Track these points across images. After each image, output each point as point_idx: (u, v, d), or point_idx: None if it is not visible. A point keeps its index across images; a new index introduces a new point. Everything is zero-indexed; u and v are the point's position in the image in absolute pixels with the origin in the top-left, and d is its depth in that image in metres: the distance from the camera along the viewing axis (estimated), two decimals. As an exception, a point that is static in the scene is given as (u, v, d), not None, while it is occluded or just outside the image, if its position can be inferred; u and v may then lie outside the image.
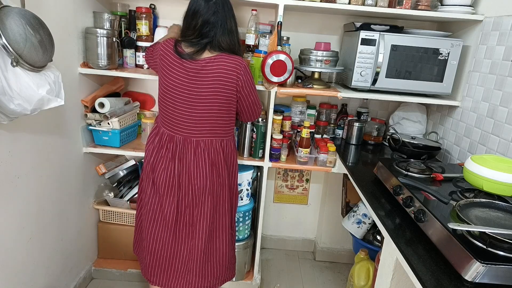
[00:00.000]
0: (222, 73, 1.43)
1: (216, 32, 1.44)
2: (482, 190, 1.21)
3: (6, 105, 1.13)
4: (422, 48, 1.75)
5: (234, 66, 1.44)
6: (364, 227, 2.02)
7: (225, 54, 1.45)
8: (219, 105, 1.47)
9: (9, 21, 1.08)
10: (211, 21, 1.43)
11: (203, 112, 1.47)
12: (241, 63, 1.45)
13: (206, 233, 1.56)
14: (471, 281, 0.89)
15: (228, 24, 1.46)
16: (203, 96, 1.45)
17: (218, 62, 1.43)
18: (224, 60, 1.44)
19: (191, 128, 1.48)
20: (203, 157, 1.50)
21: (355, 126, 2.06)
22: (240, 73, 1.45)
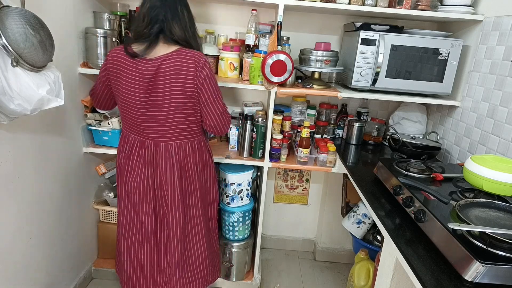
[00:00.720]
0: (179, 69, 1.32)
1: (166, 16, 1.33)
2: (482, 190, 1.21)
3: (6, 105, 1.13)
4: (422, 48, 1.75)
5: (192, 60, 1.32)
6: (364, 227, 2.02)
7: (182, 49, 1.34)
8: (183, 105, 1.37)
9: (9, 21, 1.08)
10: (158, 5, 1.32)
11: (167, 115, 1.37)
12: (200, 57, 1.34)
13: (180, 239, 1.51)
14: (471, 281, 0.89)
15: (179, 10, 1.35)
16: (164, 99, 1.35)
17: (174, 58, 1.32)
18: (181, 55, 1.33)
19: (158, 132, 1.40)
20: (171, 162, 1.43)
21: (355, 126, 2.06)
22: (199, 66, 1.33)
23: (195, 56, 1.33)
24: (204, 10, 2.07)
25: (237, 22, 2.08)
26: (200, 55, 1.35)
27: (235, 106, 2.23)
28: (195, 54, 1.34)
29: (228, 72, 1.91)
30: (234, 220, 1.97)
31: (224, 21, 2.09)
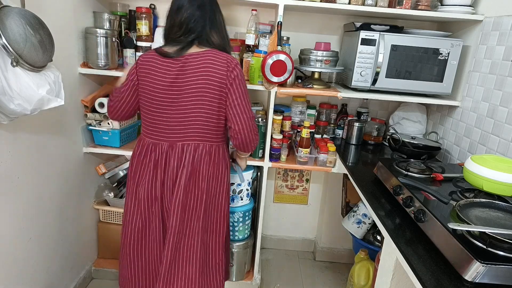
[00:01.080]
0: (210, 66, 1.31)
1: (205, 26, 1.33)
2: (482, 190, 1.21)
3: (6, 105, 1.13)
4: (422, 48, 1.75)
5: (225, 60, 1.33)
6: (364, 227, 2.02)
7: (215, 50, 1.35)
8: (208, 102, 1.33)
9: (9, 21, 1.08)
10: (197, 14, 1.32)
11: (189, 110, 1.34)
12: (232, 59, 1.35)
13: (171, 249, 1.41)
14: (471, 281, 0.89)
15: (217, 18, 1.37)
16: (189, 91, 1.32)
17: (206, 55, 1.32)
18: (214, 54, 1.33)
19: (176, 130, 1.37)
20: (183, 162, 1.37)
21: (355, 126, 2.06)
22: (231, 67, 1.32)
23: (228, 56, 1.35)
24: (204, 10, 2.07)
25: (237, 22, 2.08)
26: (233, 58, 1.37)
27: (235, 106, 2.23)
28: (227, 55, 1.36)
29: (228, 72, 1.91)
30: (234, 220, 1.97)
31: (224, 21, 2.09)
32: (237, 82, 1.33)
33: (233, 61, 1.34)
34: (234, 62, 1.34)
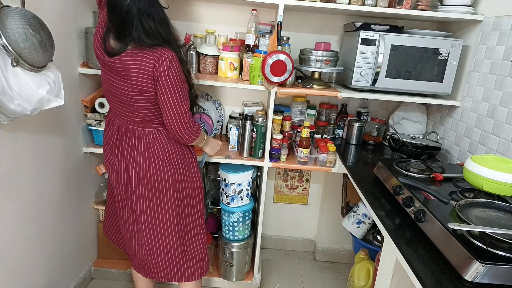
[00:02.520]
0: (141, 63, 1.31)
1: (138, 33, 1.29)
2: (482, 190, 1.21)
3: (6, 105, 1.13)
4: (422, 48, 1.75)
5: (154, 56, 1.31)
6: (364, 227, 2.02)
7: (149, 48, 1.32)
8: (141, 97, 1.37)
9: (9, 21, 1.08)
10: (127, 21, 1.28)
11: (129, 103, 1.39)
12: (162, 54, 1.30)
13: (147, 224, 1.51)
14: (471, 281, 0.89)
15: (145, 24, 1.29)
16: (126, 88, 1.36)
17: (140, 53, 1.32)
18: (147, 51, 1.32)
19: (125, 115, 1.45)
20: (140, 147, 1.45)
21: (355, 126, 2.06)
22: (158, 63, 1.30)
23: (160, 52, 1.31)
24: (204, 10, 2.07)
25: (237, 22, 2.08)
26: (165, 52, 1.31)
27: (235, 106, 2.23)
28: (160, 51, 1.31)
29: (228, 72, 1.91)
30: (234, 220, 1.97)
31: (224, 21, 2.09)
32: (164, 78, 1.32)
33: (162, 56, 1.30)
34: (163, 58, 1.30)
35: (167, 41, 1.36)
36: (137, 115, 1.42)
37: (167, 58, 1.31)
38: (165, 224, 1.52)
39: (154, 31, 1.32)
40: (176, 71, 1.34)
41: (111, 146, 1.52)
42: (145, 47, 1.32)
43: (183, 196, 1.56)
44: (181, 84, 1.37)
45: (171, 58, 1.32)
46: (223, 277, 2.10)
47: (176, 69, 1.34)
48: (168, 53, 1.32)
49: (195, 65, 1.97)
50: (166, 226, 1.53)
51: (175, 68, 1.34)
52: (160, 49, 1.32)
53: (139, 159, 1.45)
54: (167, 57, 1.31)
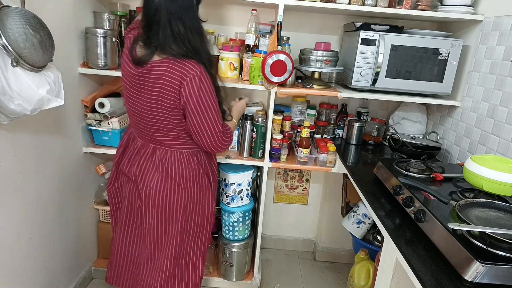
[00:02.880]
0: (164, 78, 1.21)
1: (164, 36, 1.20)
2: (482, 190, 1.21)
3: (6, 105, 1.13)
4: (422, 48, 1.75)
5: (181, 72, 1.20)
6: (364, 227, 2.02)
7: (173, 59, 1.22)
8: (164, 116, 1.28)
9: (9, 21, 1.08)
10: (154, 21, 1.20)
11: (151, 121, 1.31)
12: (190, 70, 1.19)
13: (151, 245, 1.46)
14: (471, 281, 0.89)
15: (174, 27, 1.19)
16: (148, 104, 1.28)
17: (164, 66, 1.22)
18: (171, 64, 1.21)
19: (146, 134, 1.37)
20: (157, 167, 1.37)
21: (355, 126, 2.06)
22: (186, 80, 1.19)
23: (186, 67, 1.20)
24: (204, 10, 2.06)
25: (237, 22, 2.08)
26: (193, 68, 1.20)
27: (235, 106, 2.23)
28: (186, 65, 1.20)
29: (228, 72, 1.91)
30: (234, 220, 1.97)
31: (224, 21, 2.09)
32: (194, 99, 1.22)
33: (190, 73, 1.20)
34: (190, 75, 1.20)
35: (196, 52, 1.24)
36: (159, 134, 1.33)
37: (195, 76, 1.19)
38: (166, 247, 1.45)
39: (183, 37, 1.21)
40: (207, 90, 1.23)
41: (125, 162, 1.46)
42: (171, 57, 1.22)
43: (192, 224, 1.48)
44: (213, 102, 1.25)
45: (200, 74, 1.20)
46: (223, 277, 2.10)
47: (207, 88, 1.22)
48: (196, 69, 1.20)
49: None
50: (166, 250, 1.45)
51: (205, 87, 1.22)
52: (188, 62, 1.21)
53: (154, 180, 1.37)
54: (196, 74, 1.20)
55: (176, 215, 1.42)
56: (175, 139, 1.35)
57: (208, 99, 1.24)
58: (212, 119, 1.27)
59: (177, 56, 1.22)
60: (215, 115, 1.28)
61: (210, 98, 1.25)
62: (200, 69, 1.21)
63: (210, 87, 1.24)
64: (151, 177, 1.38)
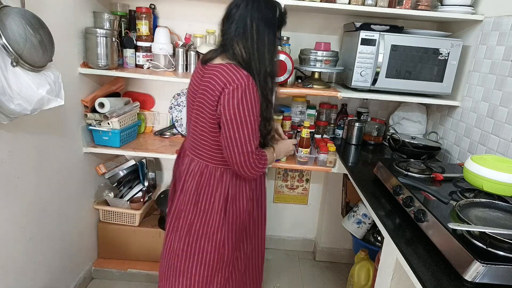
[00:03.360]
0: (211, 82, 1.18)
1: (235, 29, 1.17)
2: (482, 190, 1.21)
3: (6, 105, 1.13)
4: (422, 48, 1.75)
5: (226, 79, 1.14)
6: (364, 227, 2.02)
7: (230, 65, 1.17)
8: (202, 121, 1.24)
9: (9, 21, 1.08)
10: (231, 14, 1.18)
11: (192, 124, 1.30)
12: (236, 79, 1.13)
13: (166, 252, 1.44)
14: (471, 281, 0.89)
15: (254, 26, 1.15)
16: (193, 106, 1.27)
17: (216, 69, 1.19)
18: (223, 69, 1.16)
19: (188, 137, 1.38)
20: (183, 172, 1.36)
21: (355, 126, 2.06)
22: (228, 89, 1.13)
23: (235, 75, 1.14)
24: (204, 10, 2.07)
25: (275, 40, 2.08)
26: (243, 78, 1.14)
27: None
28: (237, 73, 1.14)
29: (228, 72, 1.91)
30: (234, 220, 1.96)
31: (224, 21, 2.09)
32: (230, 109, 1.14)
33: (235, 82, 1.13)
34: (235, 84, 1.13)
35: (257, 63, 1.18)
36: (192, 140, 1.31)
37: (239, 87, 1.12)
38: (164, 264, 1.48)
39: (250, 42, 1.16)
40: (248, 105, 1.14)
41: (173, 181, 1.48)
42: (230, 62, 1.18)
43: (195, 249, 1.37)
44: (254, 119, 1.16)
45: (246, 87, 1.12)
46: (223, 277, 2.09)
47: (248, 102, 1.13)
48: (244, 80, 1.13)
49: (195, 65, 1.97)
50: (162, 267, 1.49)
51: (247, 100, 1.13)
52: (240, 71, 1.15)
53: (178, 187, 1.36)
54: (241, 84, 1.12)
55: (180, 232, 1.35)
56: (206, 150, 1.29)
57: (247, 114, 1.15)
58: (246, 136, 1.17)
59: (236, 61, 1.18)
60: (250, 132, 1.17)
61: (249, 114, 1.15)
62: (248, 81, 1.14)
63: (253, 103, 1.15)
64: (178, 183, 1.39)
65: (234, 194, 1.33)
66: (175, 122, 2.21)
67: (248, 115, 1.15)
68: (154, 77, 1.81)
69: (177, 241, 1.38)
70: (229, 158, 1.21)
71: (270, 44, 1.21)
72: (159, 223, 2.13)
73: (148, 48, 1.96)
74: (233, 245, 1.37)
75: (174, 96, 2.18)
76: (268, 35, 1.20)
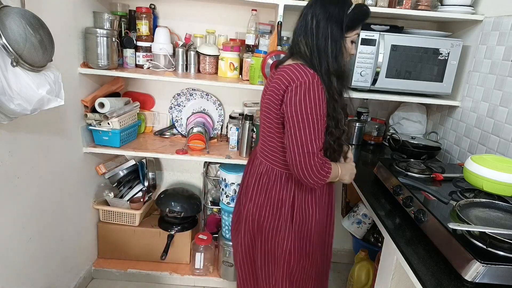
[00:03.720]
0: (277, 81, 1.17)
1: (300, 26, 1.18)
2: (482, 190, 1.21)
3: (6, 105, 1.13)
4: (422, 48, 1.75)
5: (291, 76, 1.12)
6: (364, 227, 2.02)
7: (297, 64, 1.15)
8: (269, 121, 1.23)
9: (9, 21, 1.08)
10: (301, 15, 1.19)
11: (262, 125, 1.31)
12: (301, 77, 1.11)
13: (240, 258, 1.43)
14: (471, 281, 0.89)
15: (314, 22, 1.13)
16: (263, 107, 1.27)
17: (284, 69, 1.17)
18: (289, 68, 1.15)
19: (259, 145, 1.36)
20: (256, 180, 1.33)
21: (355, 126, 2.06)
22: (292, 86, 1.11)
23: (301, 73, 1.12)
24: (204, 10, 2.07)
25: (237, 22, 2.08)
26: (308, 76, 1.11)
27: (235, 106, 2.23)
28: (303, 71, 1.12)
29: (228, 72, 1.91)
30: (234, 220, 1.96)
31: (224, 21, 2.09)
32: (293, 105, 1.11)
33: (300, 79, 1.11)
34: (299, 81, 1.10)
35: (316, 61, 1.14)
36: (262, 141, 1.30)
37: (303, 84, 1.10)
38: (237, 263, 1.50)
39: (310, 38, 1.14)
40: (311, 102, 1.09)
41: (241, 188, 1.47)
42: (298, 62, 1.17)
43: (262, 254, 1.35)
44: (317, 118, 1.11)
45: (310, 84, 1.09)
46: (223, 277, 2.10)
47: (312, 99, 1.09)
48: (309, 77, 1.10)
49: (195, 65, 1.97)
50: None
51: (311, 98, 1.09)
52: (306, 69, 1.12)
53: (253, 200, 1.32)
54: (306, 81, 1.10)
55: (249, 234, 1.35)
56: (273, 152, 1.27)
57: (310, 113, 1.10)
58: (308, 135, 1.11)
59: (303, 60, 1.17)
60: (313, 132, 1.11)
61: (312, 112, 1.10)
62: (313, 79, 1.11)
63: (317, 101, 1.11)
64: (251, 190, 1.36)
65: (300, 202, 1.27)
66: (175, 122, 2.21)
67: (311, 113, 1.10)
68: (154, 77, 1.81)
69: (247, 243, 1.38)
70: (290, 160, 1.15)
71: (333, 41, 1.14)
72: (159, 223, 2.13)
73: (148, 48, 1.96)
74: (300, 255, 1.31)
75: (174, 96, 2.18)
76: (332, 31, 1.14)
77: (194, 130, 1.99)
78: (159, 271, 2.10)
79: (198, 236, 2.11)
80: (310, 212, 1.28)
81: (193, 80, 1.81)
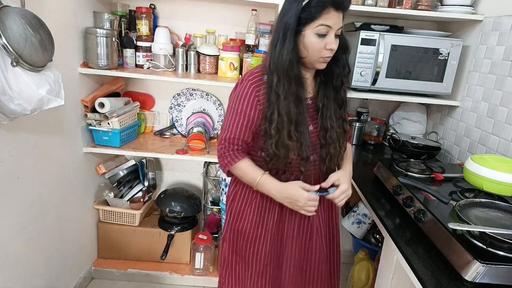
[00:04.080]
0: None
1: None
2: (482, 190, 1.21)
3: (6, 105, 1.13)
4: (422, 48, 1.75)
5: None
6: (364, 227, 2.02)
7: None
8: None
9: (9, 21, 1.08)
10: None
11: None
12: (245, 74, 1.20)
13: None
14: (471, 281, 0.89)
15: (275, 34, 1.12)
16: None
17: None
18: None
19: None
20: None
21: (355, 126, 2.06)
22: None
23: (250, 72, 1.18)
24: (204, 10, 2.07)
25: (237, 22, 2.08)
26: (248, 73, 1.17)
27: (235, 106, 2.23)
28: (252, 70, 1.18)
29: (228, 72, 1.91)
30: (234, 220, 1.96)
31: (224, 21, 2.09)
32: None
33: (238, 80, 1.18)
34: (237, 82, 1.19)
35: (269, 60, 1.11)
36: None
37: (239, 80, 1.17)
38: None
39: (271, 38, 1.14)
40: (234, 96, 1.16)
41: None
42: None
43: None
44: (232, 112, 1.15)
45: (242, 79, 1.15)
46: (223, 277, 2.10)
47: (236, 93, 1.14)
48: (247, 74, 1.16)
49: (195, 65, 1.97)
50: None
51: (236, 93, 1.15)
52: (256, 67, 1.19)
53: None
54: (241, 78, 1.17)
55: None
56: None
57: (230, 105, 1.17)
58: (224, 124, 1.19)
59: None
60: (227, 123, 1.18)
61: (233, 104, 1.15)
62: (246, 76, 1.15)
63: (238, 97, 1.13)
64: None
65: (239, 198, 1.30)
66: (175, 122, 2.21)
67: (231, 106, 1.17)
68: (154, 77, 1.81)
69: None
70: None
71: (283, 38, 1.07)
72: (159, 223, 2.13)
73: (148, 48, 1.96)
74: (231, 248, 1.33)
75: (174, 96, 2.18)
76: (282, 27, 1.07)
77: (194, 130, 1.99)
78: (159, 271, 2.10)
79: (198, 236, 2.11)
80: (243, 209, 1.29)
81: (193, 80, 1.81)
